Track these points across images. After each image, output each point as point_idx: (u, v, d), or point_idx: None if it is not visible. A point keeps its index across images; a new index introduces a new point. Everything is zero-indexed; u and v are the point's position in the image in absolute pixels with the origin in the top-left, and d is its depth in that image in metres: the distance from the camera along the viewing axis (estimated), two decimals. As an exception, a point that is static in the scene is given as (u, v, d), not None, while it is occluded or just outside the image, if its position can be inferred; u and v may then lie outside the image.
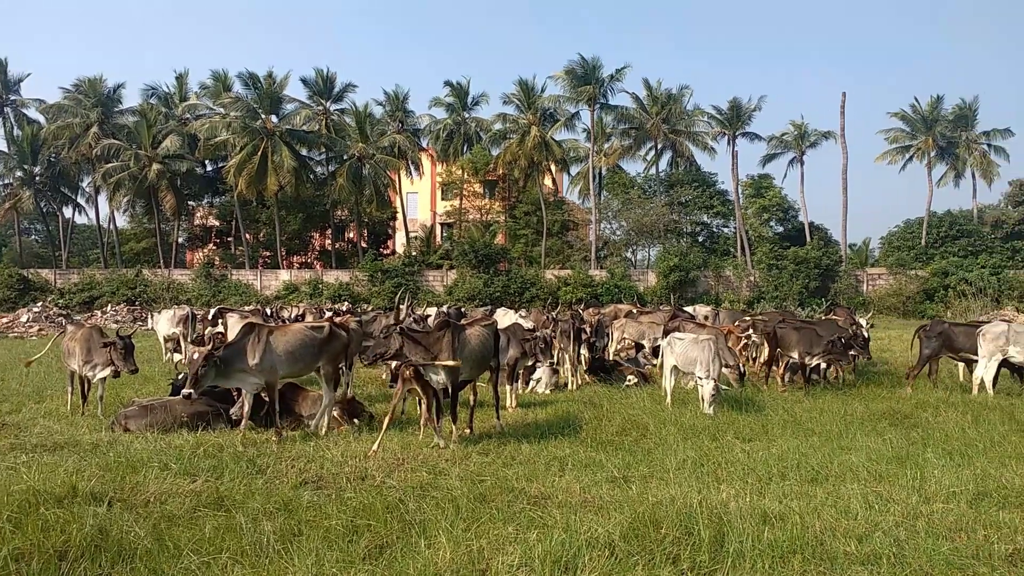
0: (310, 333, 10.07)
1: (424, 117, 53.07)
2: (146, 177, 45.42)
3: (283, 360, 9.51)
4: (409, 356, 8.95)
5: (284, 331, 9.99)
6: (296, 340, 9.76)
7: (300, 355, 9.74)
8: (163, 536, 5.64)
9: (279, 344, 9.54)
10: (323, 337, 10.11)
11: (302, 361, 9.83)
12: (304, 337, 9.90)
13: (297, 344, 9.71)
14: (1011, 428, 9.80)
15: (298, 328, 10.26)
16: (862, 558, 5.30)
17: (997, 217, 50.66)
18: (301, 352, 9.74)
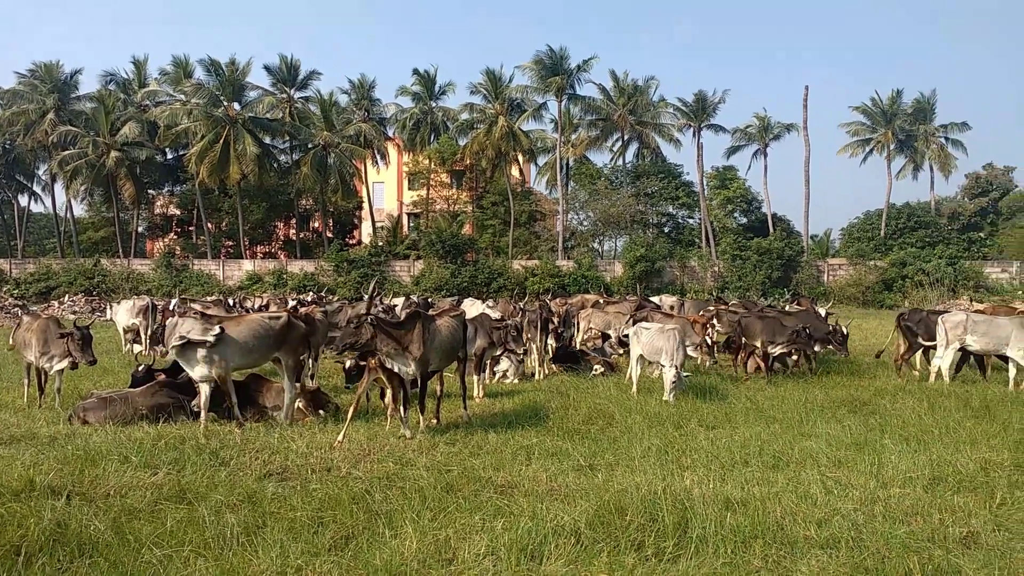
0: (265, 324, 9.91)
1: (390, 106, 52.56)
2: (104, 165, 44.43)
3: (235, 351, 9.37)
4: (380, 347, 8.89)
5: (237, 322, 9.84)
6: (250, 331, 9.61)
7: (254, 346, 9.59)
8: (124, 530, 5.56)
9: (233, 335, 9.39)
10: (280, 328, 9.96)
11: (257, 352, 9.69)
12: (258, 328, 9.75)
13: (250, 335, 9.56)
14: (965, 415, 10.06)
15: (252, 319, 10.08)
16: (821, 542, 5.41)
17: (954, 209, 51.86)
18: (255, 343, 9.59)
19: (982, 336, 12.62)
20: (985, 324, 12.72)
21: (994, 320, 12.82)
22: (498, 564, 4.97)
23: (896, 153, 49.72)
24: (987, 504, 6.23)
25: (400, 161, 55.32)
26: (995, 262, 44.33)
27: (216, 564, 5.00)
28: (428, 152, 50.73)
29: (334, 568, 4.94)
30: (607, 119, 50.08)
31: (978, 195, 52.64)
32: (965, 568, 4.89)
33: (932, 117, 49.16)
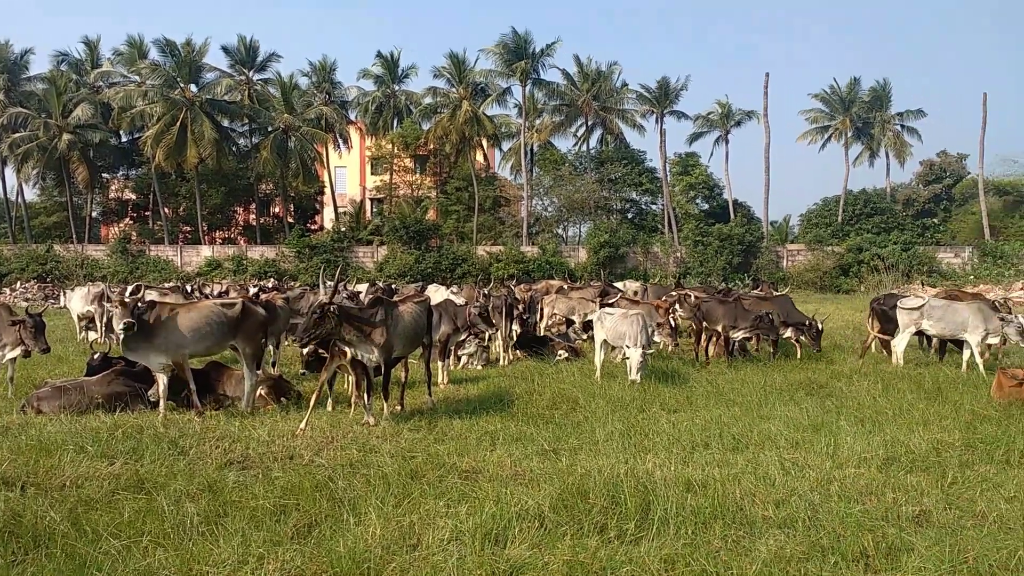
0: (219, 311, 9.73)
1: (352, 89, 51.92)
2: (56, 148, 43.22)
3: (188, 339, 9.22)
4: (343, 335, 8.81)
5: (190, 309, 9.67)
6: (203, 318, 9.45)
7: (208, 333, 9.44)
8: (80, 520, 5.46)
9: (183, 322, 9.24)
10: (234, 315, 9.80)
11: (210, 339, 9.53)
12: (212, 315, 9.58)
13: (203, 322, 9.40)
14: (918, 396, 10.33)
15: (206, 306, 9.90)
16: (779, 522, 5.53)
17: (908, 195, 53.07)
18: (209, 330, 9.44)
19: (938, 321, 12.90)
20: (942, 309, 13.01)
21: (951, 305, 13.13)
22: (462, 549, 4.99)
23: (853, 140, 50.65)
24: (939, 483, 6.41)
25: (362, 145, 54.70)
26: (948, 248, 45.49)
27: (176, 554, 4.93)
28: (391, 136, 50.28)
29: (297, 556, 4.91)
30: (571, 104, 50.11)
31: (932, 182, 53.93)
32: (917, 545, 5.03)
33: (888, 105, 50.11)
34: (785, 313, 14.62)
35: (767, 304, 14.91)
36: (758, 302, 15.15)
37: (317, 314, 8.53)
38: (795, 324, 14.56)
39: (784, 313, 14.60)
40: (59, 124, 43.26)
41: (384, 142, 51.26)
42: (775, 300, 15.31)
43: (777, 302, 15.04)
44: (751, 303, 14.93)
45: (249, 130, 49.56)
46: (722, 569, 4.74)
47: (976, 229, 47.39)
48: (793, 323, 14.58)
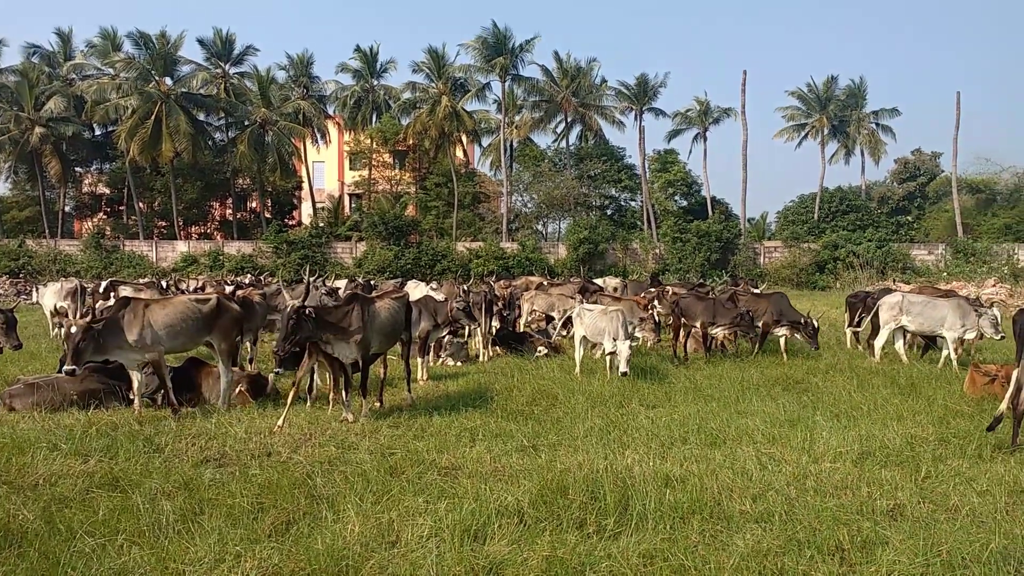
0: (194, 307, 9.66)
1: (330, 83, 51.51)
2: (28, 141, 42.50)
3: (162, 335, 9.11)
4: (320, 336, 8.74)
5: (164, 305, 9.55)
6: (177, 314, 9.36)
7: (182, 330, 9.36)
8: (54, 519, 5.39)
9: (157, 318, 9.13)
10: (209, 311, 9.71)
11: (184, 336, 9.45)
12: (187, 311, 9.50)
13: (178, 318, 9.32)
14: (893, 392, 10.47)
15: (180, 301, 9.80)
16: (756, 516, 5.57)
17: (883, 193, 53.74)
18: (183, 327, 9.37)
19: (917, 316, 13.08)
20: (920, 305, 13.18)
21: (930, 302, 13.30)
22: (441, 545, 4.98)
23: (829, 138, 51.17)
24: (913, 477, 6.50)
25: (341, 140, 54.30)
26: (922, 245, 46.15)
27: (151, 553, 4.88)
28: (370, 131, 49.95)
29: (275, 554, 4.87)
30: (550, 101, 50.11)
31: (906, 180, 54.66)
32: (892, 539, 5.10)
33: (864, 103, 50.68)
34: (780, 311, 14.51)
35: (763, 301, 14.84)
36: (754, 299, 15.12)
37: (292, 320, 8.42)
38: (791, 321, 14.43)
39: (779, 311, 14.50)
40: (31, 117, 42.52)
41: (363, 137, 50.91)
42: (770, 297, 15.18)
43: (772, 299, 14.93)
44: (746, 300, 14.90)
45: (225, 124, 49.00)
46: (700, 563, 4.77)
47: (949, 227, 48.10)
48: (789, 320, 14.44)
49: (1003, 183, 52.98)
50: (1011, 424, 7.60)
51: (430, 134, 46.83)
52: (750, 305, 14.66)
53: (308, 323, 8.53)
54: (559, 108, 50.28)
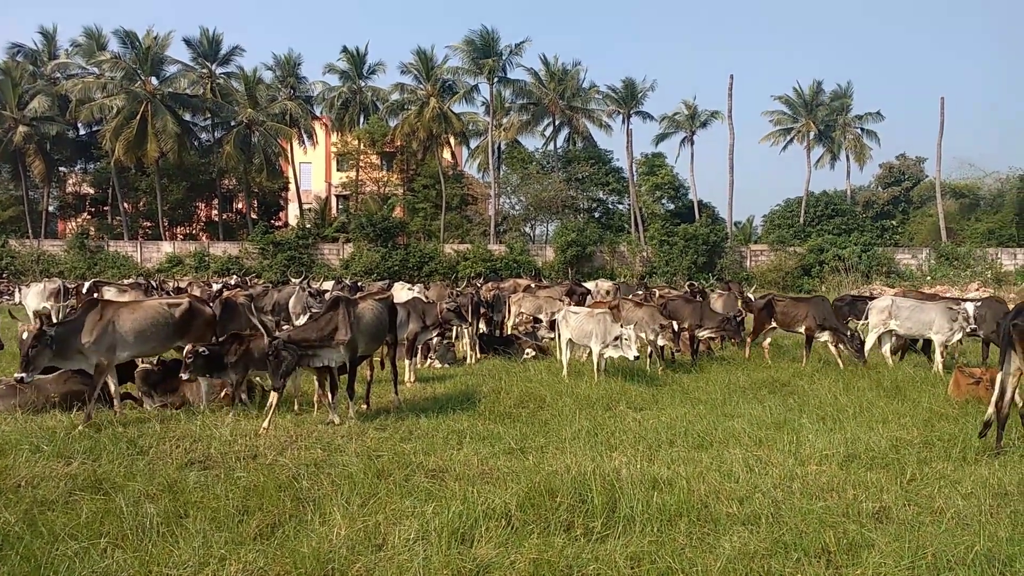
0: (165, 311, 9.44)
1: (317, 84, 51.38)
2: (11, 140, 42.13)
3: (129, 340, 8.88)
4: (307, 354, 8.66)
5: (133, 308, 9.32)
6: (147, 318, 9.15)
7: (152, 334, 9.13)
8: (36, 521, 5.32)
9: (125, 322, 8.89)
10: (180, 315, 9.51)
11: (154, 340, 9.23)
12: (157, 315, 9.28)
13: (148, 323, 9.10)
14: (878, 394, 10.54)
15: (151, 305, 9.58)
16: (743, 518, 5.58)
17: (868, 197, 54.14)
18: (153, 331, 9.14)
19: (905, 320, 13.16)
20: (909, 309, 13.27)
21: (919, 305, 13.39)
22: (429, 548, 4.95)
23: (815, 142, 51.53)
24: (898, 480, 6.53)
25: (328, 141, 54.15)
26: (906, 249, 46.54)
27: (135, 556, 4.82)
28: (357, 133, 49.83)
29: (259, 557, 4.83)
30: (538, 103, 50.22)
31: (891, 184, 55.08)
32: (878, 541, 5.12)
33: (849, 108, 51.07)
34: (822, 316, 13.74)
35: (802, 305, 14.26)
36: (793, 303, 14.52)
37: (273, 356, 8.33)
38: (832, 329, 13.55)
39: (820, 316, 13.74)
40: (14, 116, 42.14)
41: (350, 138, 50.78)
42: (810, 302, 14.46)
43: (813, 303, 14.27)
44: (787, 304, 14.45)
45: (211, 124, 48.78)
46: (687, 566, 4.77)
47: (933, 231, 48.55)
48: (831, 326, 13.57)
49: (986, 188, 53.54)
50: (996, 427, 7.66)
51: (418, 136, 46.79)
52: (789, 310, 14.21)
53: (291, 352, 8.45)
54: (547, 111, 50.41)
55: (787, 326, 14.31)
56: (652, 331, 12.80)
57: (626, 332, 11.30)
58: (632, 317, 13.20)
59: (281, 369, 8.37)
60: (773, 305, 14.51)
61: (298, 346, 8.53)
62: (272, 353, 8.32)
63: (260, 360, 9.19)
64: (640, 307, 13.53)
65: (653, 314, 13.09)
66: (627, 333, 11.29)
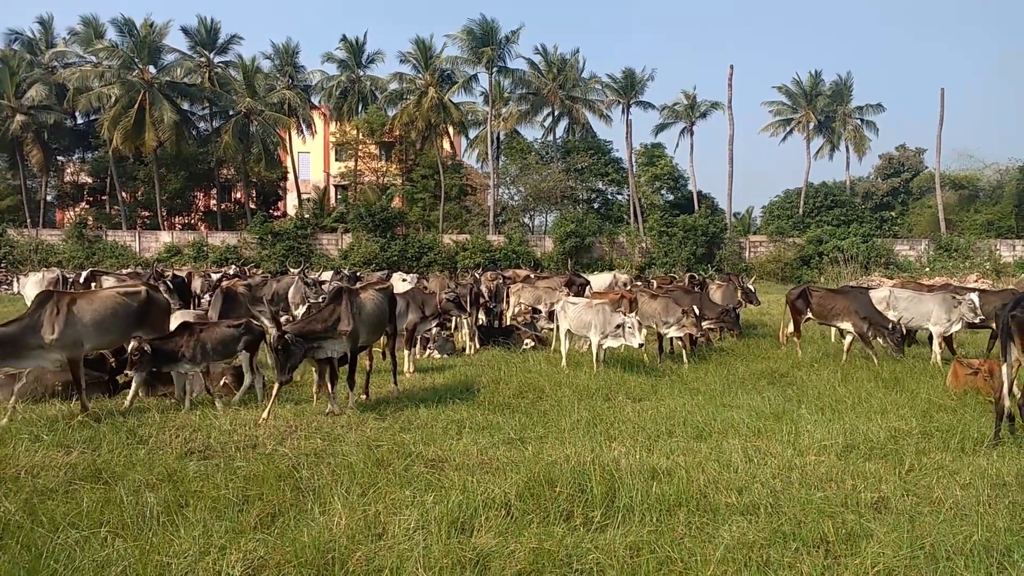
0: (122, 300, 9.13)
1: (316, 73, 51.18)
2: (9, 129, 41.95)
3: (89, 332, 8.58)
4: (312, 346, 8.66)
5: (90, 299, 9.03)
6: (105, 309, 8.84)
7: (111, 326, 8.82)
8: (36, 511, 5.33)
9: (84, 314, 8.59)
10: (139, 304, 9.23)
11: (115, 332, 8.90)
12: (115, 305, 8.97)
13: (107, 313, 8.80)
14: (876, 386, 10.55)
15: (107, 295, 9.22)
16: (742, 508, 5.60)
17: (867, 188, 54.11)
18: (112, 322, 8.83)
19: (904, 311, 13.16)
20: (907, 300, 13.27)
21: (917, 296, 13.39)
22: (428, 537, 4.96)
23: (815, 133, 51.40)
24: (896, 470, 6.55)
25: (326, 131, 54.00)
26: (905, 240, 46.51)
27: (135, 545, 4.83)
28: (356, 122, 49.66)
29: (260, 546, 4.84)
30: (537, 93, 50.07)
31: (890, 175, 55.03)
32: (876, 531, 5.14)
33: (849, 99, 50.92)
34: (861, 309, 13.03)
35: (840, 298, 13.49)
36: (830, 295, 13.83)
37: (279, 349, 8.31)
38: (872, 322, 12.78)
39: (859, 308, 13.03)
40: (12, 105, 41.97)
41: (349, 128, 50.61)
42: (848, 294, 13.71)
43: (851, 296, 13.47)
44: (823, 295, 13.80)
45: (210, 114, 48.61)
46: (686, 555, 4.79)
47: (932, 222, 48.52)
48: (870, 321, 12.81)
49: (986, 179, 53.49)
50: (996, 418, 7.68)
51: (417, 125, 46.65)
52: (826, 301, 13.49)
53: (297, 346, 8.43)
54: (546, 101, 50.26)
55: (824, 318, 13.65)
56: (665, 323, 12.72)
57: (629, 320, 11.31)
58: (648, 310, 13.17)
59: (288, 363, 8.38)
60: (809, 296, 13.84)
61: (305, 339, 8.53)
62: (280, 347, 8.31)
63: (217, 349, 9.16)
64: (656, 299, 13.31)
65: (668, 306, 12.91)
66: (630, 321, 11.30)
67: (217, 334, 9.32)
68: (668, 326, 12.79)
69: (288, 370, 8.46)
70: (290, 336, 8.40)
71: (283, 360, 8.35)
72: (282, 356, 8.34)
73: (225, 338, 9.36)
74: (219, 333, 9.37)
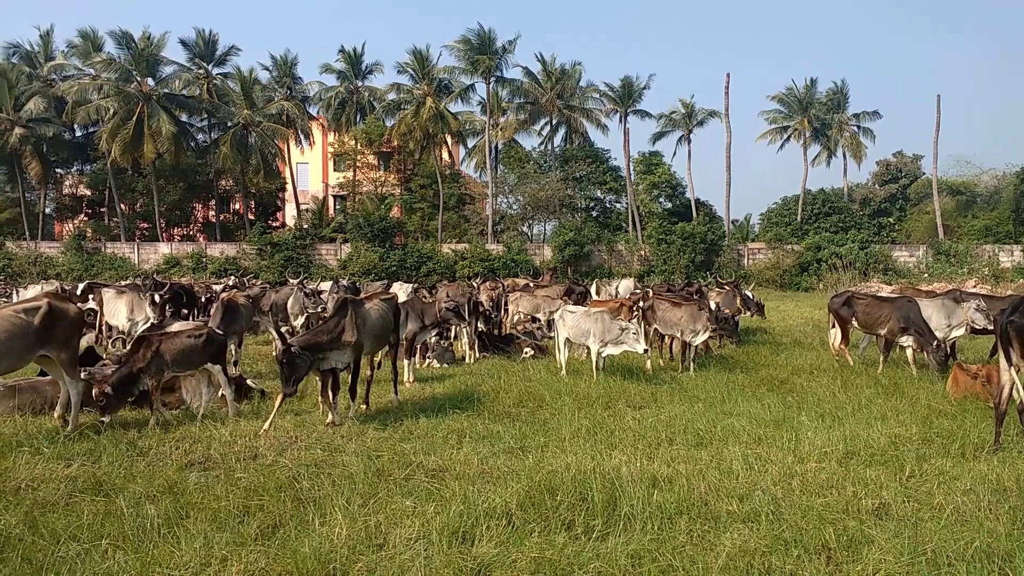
0: (22, 319, 7.92)
1: (314, 84, 51.32)
2: (7, 142, 42.01)
3: None
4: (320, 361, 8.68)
5: None
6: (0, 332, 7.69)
7: (8, 349, 7.69)
8: (37, 523, 5.32)
9: None
10: (41, 321, 8.02)
11: (11, 356, 7.77)
12: (11, 325, 7.79)
13: (2, 336, 7.65)
14: (876, 392, 10.56)
15: (3, 315, 7.95)
16: (743, 516, 5.59)
17: (865, 195, 54.19)
18: (9, 345, 7.70)
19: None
20: None
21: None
22: (430, 548, 4.96)
23: (811, 140, 51.53)
24: (897, 477, 6.55)
25: (325, 142, 54.12)
26: (903, 246, 46.58)
27: (136, 557, 4.82)
28: (354, 133, 49.78)
29: (261, 557, 4.83)
30: (535, 103, 50.22)
31: (888, 182, 55.14)
32: (878, 538, 5.13)
33: (845, 106, 51.10)
34: (908, 319, 12.27)
35: (885, 306, 12.84)
36: (876, 303, 13.17)
37: (285, 363, 8.31)
38: (918, 333, 12.13)
39: (906, 318, 12.29)
40: (10, 118, 42.06)
41: (347, 138, 50.73)
42: (894, 302, 12.97)
43: (897, 304, 12.74)
44: (869, 303, 13.20)
45: (208, 125, 48.72)
46: (688, 563, 4.78)
47: (930, 228, 48.60)
48: (916, 332, 12.15)
49: (983, 185, 53.62)
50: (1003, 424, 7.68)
51: (415, 135, 46.77)
52: (872, 310, 12.90)
53: (304, 359, 8.44)
54: (544, 110, 50.41)
55: (868, 327, 13.11)
56: (691, 331, 12.68)
57: (632, 326, 11.32)
58: (670, 318, 13.11)
59: (293, 375, 8.38)
60: (853, 304, 13.30)
61: (311, 351, 8.55)
62: (285, 360, 8.32)
63: (177, 360, 8.81)
64: (678, 307, 13.15)
65: (693, 313, 12.77)
66: (633, 327, 11.31)
67: (176, 345, 8.91)
68: (695, 334, 12.70)
69: (293, 383, 8.44)
70: (296, 349, 8.39)
71: (288, 373, 8.33)
72: (287, 369, 8.32)
73: (185, 348, 8.96)
74: (178, 344, 8.94)
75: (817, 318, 21.98)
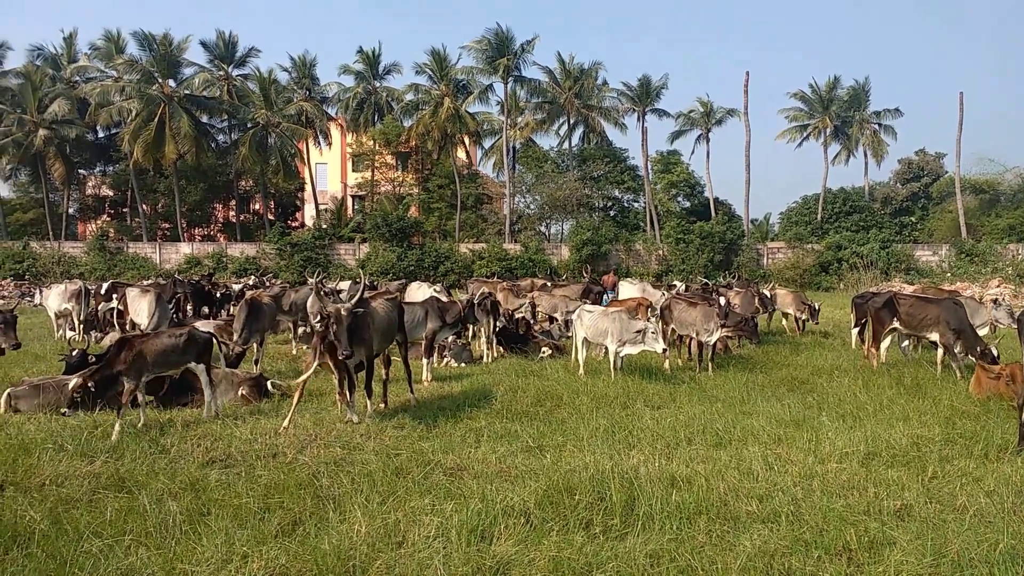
0: None
1: (332, 85, 51.57)
2: (32, 143, 42.65)
3: None
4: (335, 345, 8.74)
5: None
6: None
7: None
8: (61, 519, 5.40)
9: None
10: None
11: None
12: None
13: None
14: (898, 392, 10.45)
15: None
16: (763, 517, 5.56)
17: (886, 194, 53.60)
18: None
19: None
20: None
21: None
22: (448, 546, 4.98)
23: (832, 139, 51.02)
24: (919, 478, 6.49)
25: (343, 142, 54.39)
26: (925, 245, 46.01)
27: (158, 553, 4.88)
28: (372, 133, 49.96)
29: (282, 554, 4.87)
30: (553, 102, 50.12)
31: (910, 180, 54.50)
32: (899, 539, 5.09)
33: (866, 104, 50.56)
34: (954, 321, 11.81)
35: (932, 307, 12.26)
36: (921, 304, 12.55)
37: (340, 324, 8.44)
38: (965, 337, 11.65)
39: (953, 320, 11.82)
40: (35, 119, 42.66)
41: (365, 139, 50.93)
42: (942, 303, 12.37)
43: (944, 306, 12.18)
44: (912, 304, 12.66)
45: (228, 126, 49.13)
46: (707, 564, 4.77)
47: (953, 227, 47.95)
48: (963, 335, 11.66)
49: (1007, 184, 52.80)
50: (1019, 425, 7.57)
51: (432, 136, 46.86)
52: (916, 311, 12.35)
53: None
54: (562, 110, 50.28)
55: (913, 328, 12.53)
56: (705, 330, 12.62)
57: (651, 325, 11.28)
58: (686, 317, 13.07)
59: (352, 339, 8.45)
60: (896, 304, 12.76)
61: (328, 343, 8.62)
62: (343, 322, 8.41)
63: (159, 361, 8.71)
64: (695, 306, 13.10)
65: (706, 312, 12.72)
66: (652, 326, 11.27)
67: (157, 345, 8.78)
68: (708, 333, 12.62)
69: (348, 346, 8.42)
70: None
71: (347, 338, 8.35)
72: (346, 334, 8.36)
73: (167, 348, 8.84)
74: (159, 344, 8.82)
75: (838, 318, 21.77)
